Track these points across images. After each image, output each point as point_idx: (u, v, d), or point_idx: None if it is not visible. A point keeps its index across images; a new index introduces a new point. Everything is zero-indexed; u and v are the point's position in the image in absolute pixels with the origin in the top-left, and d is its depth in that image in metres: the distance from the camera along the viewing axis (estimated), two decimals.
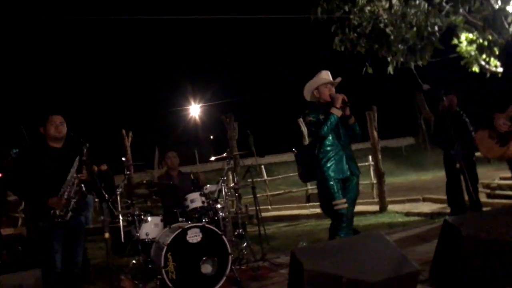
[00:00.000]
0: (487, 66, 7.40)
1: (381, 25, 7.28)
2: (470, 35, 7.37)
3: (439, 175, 6.70)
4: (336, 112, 4.13)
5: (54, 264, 3.53)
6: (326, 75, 4.36)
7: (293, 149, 5.08)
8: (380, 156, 10.58)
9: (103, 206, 3.66)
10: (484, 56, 7.30)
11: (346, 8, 7.31)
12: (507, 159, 3.99)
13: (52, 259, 3.53)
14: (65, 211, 3.51)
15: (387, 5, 7.27)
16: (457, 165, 4.13)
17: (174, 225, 4.52)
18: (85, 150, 3.61)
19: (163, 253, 4.05)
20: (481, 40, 7.09)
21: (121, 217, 4.45)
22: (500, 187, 9.31)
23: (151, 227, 4.58)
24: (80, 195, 3.57)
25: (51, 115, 3.70)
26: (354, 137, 4.32)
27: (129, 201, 4.63)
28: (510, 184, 8.73)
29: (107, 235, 3.49)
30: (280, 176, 16.27)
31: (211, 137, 34.07)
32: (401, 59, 7.33)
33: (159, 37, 43.15)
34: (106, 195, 3.52)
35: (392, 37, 7.21)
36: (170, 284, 4.00)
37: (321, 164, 4.17)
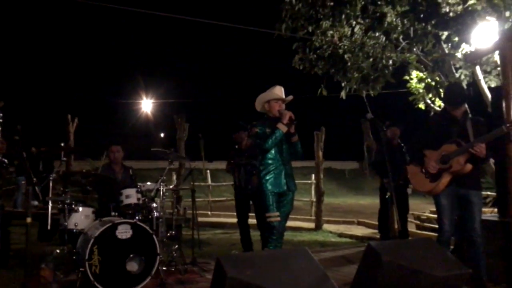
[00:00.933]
0: (432, 105, 7.80)
1: (340, 51, 7.53)
2: (421, 74, 7.74)
3: (376, 201, 7.02)
4: (282, 128, 4.23)
5: None
6: (279, 91, 4.46)
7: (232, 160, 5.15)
8: (322, 176, 10.85)
9: (29, 190, 3.50)
10: (430, 95, 7.67)
11: (310, 29, 7.48)
12: (434, 195, 4.20)
13: None
14: None
15: (349, 33, 7.55)
16: (388, 194, 4.34)
17: (105, 219, 4.41)
18: None
19: (89, 245, 3.95)
20: (429, 80, 7.45)
21: (50, 204, 4.30)
22: (429, 219, 9.84)
23: (81, 217, 4.45)
24: None
25: None
26: (295, 155, 4.43)
27: (62, 188, 4.47)
28: None
29: (29, 219, 3.35)
30: (225, 183, 16.30)
31: (162, 135, 33.51)
32: (354, 86, 7.57)
33: (117, 26, 41.99)
34: (35, 179, 3.38)
35: (349, 64, 7.46)
36: (92, 278, 3.90)
37: (261, 176, 4.25)
